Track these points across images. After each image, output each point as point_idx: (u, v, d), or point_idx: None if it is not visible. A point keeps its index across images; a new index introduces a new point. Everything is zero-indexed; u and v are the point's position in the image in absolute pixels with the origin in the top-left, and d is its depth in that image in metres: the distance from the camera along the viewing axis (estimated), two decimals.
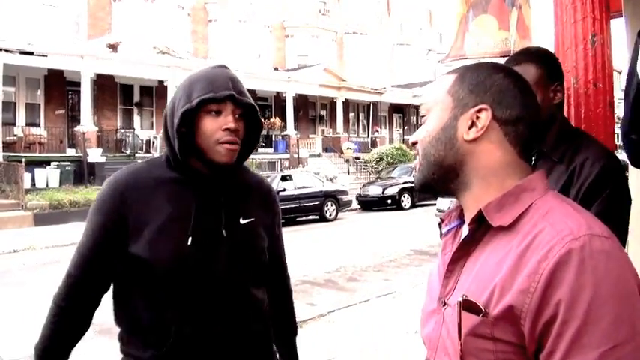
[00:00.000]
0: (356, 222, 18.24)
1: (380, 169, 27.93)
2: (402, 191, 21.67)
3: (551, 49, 2.06)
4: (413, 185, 15.68)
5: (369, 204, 21.45)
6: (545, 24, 5.79)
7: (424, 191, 1.14)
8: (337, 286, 8.83)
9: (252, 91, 27.18)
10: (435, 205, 19.67)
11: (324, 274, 9.66)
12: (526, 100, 1.06)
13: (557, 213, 0.95)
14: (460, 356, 0.97)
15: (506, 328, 0.91)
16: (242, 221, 1.74)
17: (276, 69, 29.39)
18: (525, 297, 0.89)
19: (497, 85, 1.05)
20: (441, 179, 1.08)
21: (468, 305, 0.96)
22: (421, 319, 1.18)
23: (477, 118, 1.04)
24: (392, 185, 21.78)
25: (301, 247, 12.94)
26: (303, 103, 30.20)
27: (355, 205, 21.14)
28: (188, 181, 1.68)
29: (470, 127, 1.05)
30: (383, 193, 21.34)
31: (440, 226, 1.20)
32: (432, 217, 15.00)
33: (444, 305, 1.06)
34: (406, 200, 21.76)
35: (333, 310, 7.04)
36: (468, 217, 1.07)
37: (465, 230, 1.09)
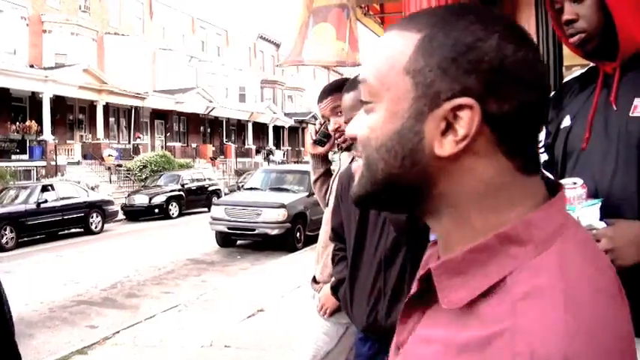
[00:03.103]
0: (124, 233, 17.40)
1: (144, 176, 26.97)
2: (169, 199, 21.16)
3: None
4: (180, 193, 15.53)
5: (135, 214, 20.55)
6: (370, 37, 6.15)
7: (364, 207, 0.78)
8: (117, 305, 8.32)
9: (6, 91, 24.86)
10: (205, 212, 19.63)
11: (100, 292, 9.03)
12: (537, 76, 0.65)
13: (535, 306, 0.59)
14: None
15: None
16: None
17: (32, 66, 26.71)
18: None
19: (490, 58, 0.63)
20: (392, 200, 0.71)
21: None
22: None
23: (456, 117, 0.63)
24: (159, 194, 21.15)
25: (69, 263, 12.00)
26: (60, 105, 27.85)
27: (121, 215, 20.15)
28: None
29: (444, 133, 0.64)
30: (150, 202, 20.61)
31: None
32: (203, 224, 14.85)
33: (399, 350, 0.76)
34: (174, 209, 21.31)
35: (118, 331, 6.58)
36: (439, 245, 0.73)
37: None
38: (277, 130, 46.76)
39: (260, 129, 44.31)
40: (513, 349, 0.56)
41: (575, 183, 1.48)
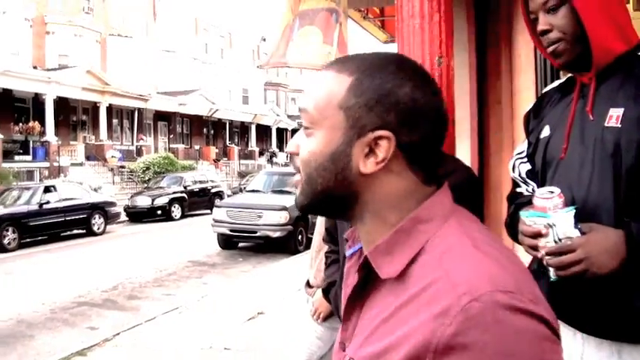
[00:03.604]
0: (126, 235, 17.42)
1: (147, 178, 27.04)
2: (171, 201, 21.16)
3: None
4: (183, 195, 15.55)
5: (138, 215, 20.55)
6: (358, 41, 6.17)
7: (308, 213, 0.97)
8: (118, 306, 8.32)
9: (9, 92, 24.90)
10: (207, 214, 19.66)
11: (101, 294, 9.03)
12: (438, 115, 0.87)
13: (454, 254, 0.78)
14: None
15: None
16: None
17: (35, 67, 26.79)
18: None
19: (404, 102, 0.82)
20: (329, 207, 0.91)
21: None
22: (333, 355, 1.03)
23: (377, 144, 0.83)
24: (161, 195, 21.15)
25: (71, 264, 12.03)
26: (64, 106, 27.91)
27: (124, 216, 20.16)
28: None
29: (367, 155, 0.83)
30: (152, 203, 20.61)
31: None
32: (206, 226, 14.88)
33: (344, 351, 0.91)
34: (176, 210, 21.31)
35: (118, 333, 6.58)
36: (364, 248, 0.91)
37: None
38: (280, 132, 46.81)
39: (263, 131, 44.38)
40: (449, 287, 0.74)
41: (552, 192, 1.50)
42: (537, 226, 1.48)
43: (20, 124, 25.55)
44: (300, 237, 12.98)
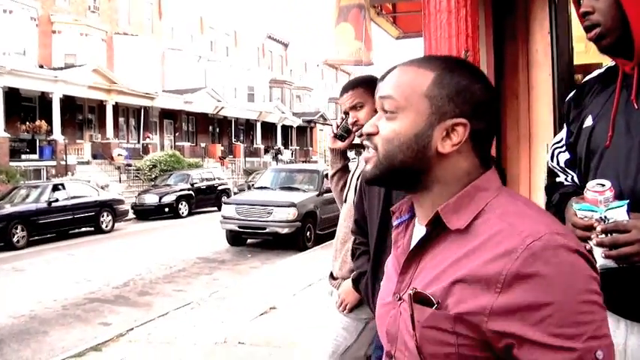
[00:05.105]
0: (135, 232, 17.47)
1: (153, 176, 27.06)
2: (179, 199, 21.25)
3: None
4: (190, 192, 15.56)
5: (145, 213, 20.65)
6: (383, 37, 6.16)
7: (376, 185, 1.15)
8: (130, 302, 8.37)
9: (15, 91, 24.96)
10: (214, 211, 19.76)
11: (112, 290, 9.08)
12: (497, 108, 1.09)
13: (512, 213, 0.97)
14: (417, 348, 1.00)
15: (467, 325, 0.94)
16: None
17: (41, 67, 26.80)
18: (489, 299, 0.91)
19: (477, 96, 1.02)
20: (399, 180, 1.08)
21: (419, 298, 0.99)
22: (377, 311, 1.18)
23: (453, 130, 1.01)
24: (168, 193, 21.23)
25: (81, 261, 12.08)
26: (70, 105, 27.90)
27: (131, 214, 20.23)
28: None
29: (444, 138, 1.02)
30: (160, 201, 20.71)
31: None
32: (213, 223, 14.97)
33: (400, 300, 1.07)
34: (183, 208, 21.39)
35: (132, 328, 6.62)
36: (422, 214, 1.09)
37: (416, 224, 1.12)
38: (285, 129, 46.79)
39: (268, 128, 44.36)
40: (515, 234, 0.92)
41: (603, 185, 1.47)
42: (589, 219, 1.47)
43: (27, 123, 25.45)
44: (308, 233, 13.02)
